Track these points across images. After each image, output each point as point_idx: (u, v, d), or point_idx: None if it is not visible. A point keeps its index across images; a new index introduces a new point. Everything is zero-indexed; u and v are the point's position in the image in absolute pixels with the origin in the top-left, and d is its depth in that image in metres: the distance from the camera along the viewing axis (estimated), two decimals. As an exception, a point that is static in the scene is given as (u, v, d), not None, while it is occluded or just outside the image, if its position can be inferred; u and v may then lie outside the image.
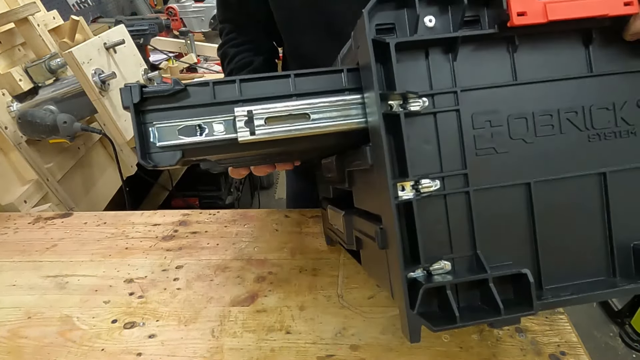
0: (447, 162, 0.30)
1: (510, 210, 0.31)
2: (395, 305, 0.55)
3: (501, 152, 0.31)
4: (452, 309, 0.28)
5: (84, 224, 0.75)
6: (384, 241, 0.31)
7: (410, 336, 0.28)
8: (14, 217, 0.79)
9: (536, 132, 0.31)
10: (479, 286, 0.30)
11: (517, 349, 0.48)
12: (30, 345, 0.52)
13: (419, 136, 0.30)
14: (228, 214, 0.76)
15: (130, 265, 0.64)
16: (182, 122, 0.32)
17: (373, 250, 0.37)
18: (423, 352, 0.48)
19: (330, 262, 0.63)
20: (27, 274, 0.64)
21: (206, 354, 0.50)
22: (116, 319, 0.55)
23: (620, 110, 0.32)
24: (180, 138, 0.32)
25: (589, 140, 0.31)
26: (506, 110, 0.31)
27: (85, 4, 2.11)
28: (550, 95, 0.31)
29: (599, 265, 0.32)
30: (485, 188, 0.31)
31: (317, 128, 0.33)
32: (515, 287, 0.30)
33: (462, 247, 0.31)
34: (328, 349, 0.49)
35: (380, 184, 0.30)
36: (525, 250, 0.31)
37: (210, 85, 0.33)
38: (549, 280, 0.32)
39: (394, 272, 0.30)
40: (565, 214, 0.32)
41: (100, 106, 1.01)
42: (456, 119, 0.30)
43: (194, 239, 0.70)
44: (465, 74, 0.31)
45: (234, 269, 0.63)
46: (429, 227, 0.30)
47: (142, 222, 0.75)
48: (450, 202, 0.30)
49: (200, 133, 0.33)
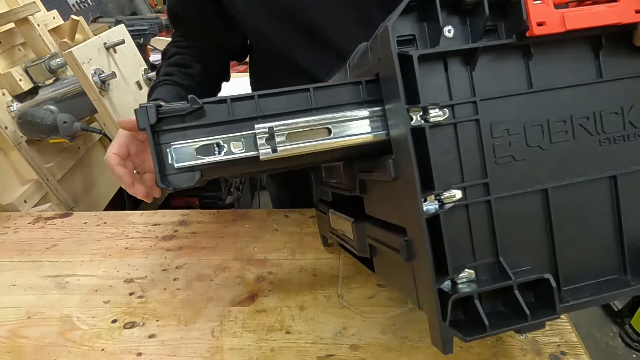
0: (468, 172, 0.31)
1: (529, 216, 0.32)
2: (395, 305, 0.55)
3: (519, 160, 0.31)
4: (480, 318, 0.28)
5: (84, 224, 0.75)
6: (410, 254, 0.31)
7: (444, 348, 0.28)
8: (14, 217, 0.79)
9: (551, 139, 0.31)
10: (503, 292, 0.30)
11: (517, 349, 0.48)
12: (30, 345, 0.52)
13: (440, 147, 0.30)
14: (228, 214, 0.76)
15: (130, 265, 0.64)
16: (200, 141, 0.32)
17: (392, 259, 0.37)
18: (423, 352, 0.48)
19: (330, 262, 0.63)
20: (27, 274, 0.64)
21: (206, 354, 0.50)
22: (116, 319, 0.55)
23: (628, 114, 0.32)
24: (199, 158, 0.32)
25: (600, 145, 0.32)
26: (523, 118, 0.31)
27: (85, 3, 2.11)
28: (564, 102, 0.32)
29: (612, 264, 0.33)
30: (505, 196, 0.31)
31: (338, 142, 0.33)
32: (536, 291, 0.31)
33: (484, 254, 0.31)
34: (328, 349, 0.49)
35: (407, 197, 0.30)
36: (544, 254, 0.32)
37: (227, 102, 0.33)
38: (566, 282, 0.32)
39: (422, 284, 0.30)
40: (580, 217, 0.32)
41: (100, 106, 1.01)
42: (476, 129, 0.31)
43: (194, 239, 0.70)
44: (483, 84, 0.31)
45: (234, 269, 0.63)
46: (454, 238, 0.30)
47: (142, 222, 0.75)
48: (472, 212, 0.31)
49: (219, 152, 0.32)
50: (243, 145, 0.33)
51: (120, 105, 1.06)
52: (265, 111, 0.33)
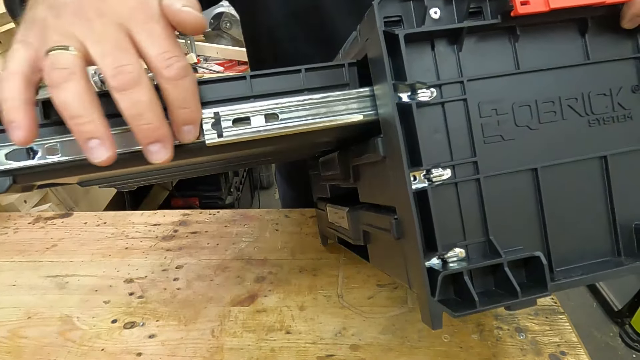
0: (457, 151, 0.31)
1: (519, 196, 0.32)
2: (395, 305, 0.55)
3: (508, 140, 0.32)
4: (470, 294, 0.29)
5: (84, 224, 0.75)
6: (399, 231, 0.31)
7: (432, 323, 0.28)
8: (14, 217, 0.79)
9: (540, 119, 0.32)
10: (494, 271, 0.31)
11: (517, 349, 0.48)
12: (30, 345, 0.52)
13: (429, 126, 0.31)
14: (228, 214, 0.76)
15: (130, 265, 0.64)
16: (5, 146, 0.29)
17: (384, 243, 0.37)
18: (423, 352, 0.49)
19: (330, 262, 0.63)
20: (27, 274, 0.64)
21: (206, 354, 0.50)
22: (116, 319, 0.55)
23: (616, 95, 0.33)
24: (8, 163, 0.29)
25: (590, 126, 0.33)
26: (510, 99, 0.32)
27: (85, 4, 2.10)
28: (551, 83, 0.32)
29: (605, 246, 0.33)
30: (494, 175, 0.31)
31: (285, 128, 0.32)
32: (527, 270, 0.31)
33: (475, 233, 0.31)
34: (328, 349, 0.49)
35: (394, 174, 0.30)
36: (535, 234, 0.32)
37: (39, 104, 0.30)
38: (559, 263, 0.32)
39: (411, 261, 0.31)
40: (571, 198, 0.33)
41: (100, 106, 1.01)
42: (464, 108, 0.31)
43: (194, 239, 0.70)
44: (470, 65, 0.32)
45: (234, 269, 0.63)
46: (442, 215, 0.30)
47: (142, 222, 0.75)
48: (461, 190, 0.31)
49: (32, 157, 0.29)
50: None
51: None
52: None
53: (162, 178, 0.56)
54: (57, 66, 0.25)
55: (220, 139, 0.30)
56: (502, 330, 0.51)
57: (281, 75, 0.33)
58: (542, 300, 0.54)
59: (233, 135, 0.31)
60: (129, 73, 0.26)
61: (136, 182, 0.53)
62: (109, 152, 0.26)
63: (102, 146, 0.26)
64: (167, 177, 0.58)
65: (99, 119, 0.26)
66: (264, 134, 0.31)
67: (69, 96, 0.25)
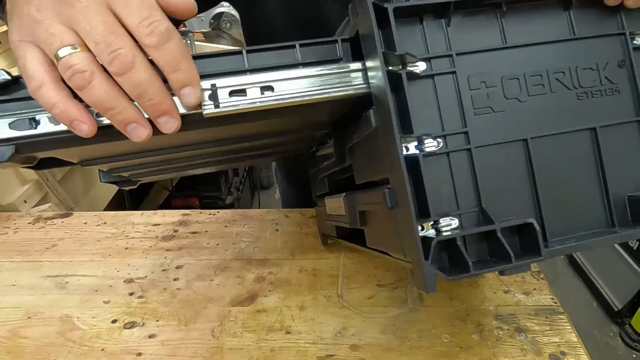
0: (448, 122, 0.32)
1: (511, 167, 0.33)
2: (395, 305, 0.55)
3: (498, 111, 0.33)
4: (464, 259, 0.29)
5: (84, 224, 0.75)
6: (393, 200, 0.32)
7: (426, 286, 0.28)
8: (14, 217, 0.79)
9: (529, 92, 0.33)
10: (487, 239, 0.31)
11: (517, 349, 0.48)
12: (30, 345, 0.52)
13: (420, 98, 0.32)
14: (228, 214, 0.76)
15: (130, 265, 0.64)
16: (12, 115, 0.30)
17: (379, 220, 0.38)
18: (423, 352, 0.49)
19: (330, 262, 0.63)
20: (27, 274, 0.64)
21: (206, 354, 0.50)
22: (116, 319, 0.55)
23: (603, 70, 0.34)
24: (12, 131, 0.30)
25: (578, 98, 0.33)
26: (499, 72, 0.33)
27: (85, 4, 2.10)
28: (538, 58, 0.33)
29: (599, 217, 0.34)
30: (485, 145, 0.32)
31: (281, 100, 0.32)
32: (521, 238, 0.32)
33: (468, 203, 0.32)
34: (328, 349, 0.49)
35: (386, 143, 0.31)
36: (528, 205, 0.33)
37: None
38: (553, 234, 0.33)
39: (405, 228, 0.31)
40: (564, 170, 0.33)
41: (100, 106, 1.01)
42: (453, 81, 0.32)
43: (194, 239, 0.70)
44: (458, 40, 0.33)
45: (234, 269, 0.63)
46: (435, 185, 0.31)
47: (142, 222, 0.75)
48: (453, 161, 0.32)
49: (35, 126, 0.30)
50: None
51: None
52: None
53: (163, 171, 0.55)
54: (76, 71, 0.26)
55: (217, 110, 0.31)
56: (502, 330, 0.51)
57: (276, 51, 0.34)
58: (542, 300, 0.55)
59: (230, 106, 0.31)
60: (124, 57, 0.26)
61: (137, 174, 0.53)
62: (147, 130, 0.29)
63: (140, 127, 0.29)
64: (170, 171, 0.57)
65: (129, 105, 0.28)
66: (259, 105, 0.32)
67: (98, 94, 0.27)
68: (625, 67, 0.34)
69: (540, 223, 0.32)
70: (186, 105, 0.30)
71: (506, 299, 0.55)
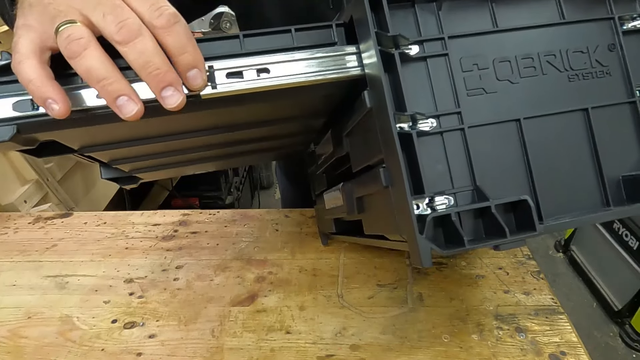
0: (441, 103, 0.33)
1: (505, 147, 0.33)
2: (395, 305, 0.55)
3: (490, 93, 0.33)
4: (459, 234, 0.29)
5: (84, 224, 0.75)
6: (387, 178, 0.32)
7: (422, 259, 0.29)
8: (14, 217, 0.79)
9: (520, 74, 0.33)
10: (482, 216, 0.32)
11: (517, 349, 0.48)
12: (30, 345, 0.52)
13: (413, 80, 0.32)
14: (228, 214, 0.76)
15: (130, 265, 0.64)
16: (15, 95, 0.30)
17: (377, 204, 0.38)
18: (423, 352, 0.49)
19: (330, 262, 0.63)
20: (27, 274, 0.64)
21: (206, 354, 0.50)
22: (116, 319, 0.55)
23: (594, 53, 0.34)
24: (15, 112, 0.30)
25: (570, 80, 0.34)
26: (491, 55, 0.33)
27: (85, 4, 2.10)
28: (529, 41, 0.34)
29: (593, 197, 0.34)
30: (478, 125, 0.33)
31: (277, 82, 0.33)
32: (516, 215, 0.32)
33: (462, 183, 0.32)
34: (328, 349, 0.49)
35: (380, 121, 0.31)
36: (523, 185, 0.33)
37: None
38: (548, 214, 0.33)
39: (400, 205, 0.31)
40: (558, 150, 0.34)
41: (100, 106, 1.01)
42: (445, 63, 0.33)
43: (194, 239, 0.70)
44: (450, 24, 0.33)
45: (234, 269, 0.63)
46: (430, 165, 0.32)
47: (142, 222, 0.75)
48: (447, 140, 0.32)
49: (37, 107, 0.30)
50: None
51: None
52: None
53: (162, 166, 0.55)
54: (73, 38, 0.27)
55: (214, 91, 0.31)
56: (502, 330, 0.51)
57: (272, 35, 0.34)
58: (542, 300, 0.55)
59: (227, 88, 0.31)
60: (132, 24, 0.27)
61: (137, 168, 0.53)
62: (138, 105, 0.28)
63: (131, 101, 0.28)
64: (170, 166, 0.57)
65: (122, 78, 0.28)
66: (255, 87, 0.32)
67: (92, 62, 0.27)
68: (615, 50, 0.35)
69: (535, 202, 0.33)
70: (192, 86, 0.30)
71: (506, 299, 0.55)
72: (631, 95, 0.34)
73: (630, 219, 1.58)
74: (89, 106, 0.30)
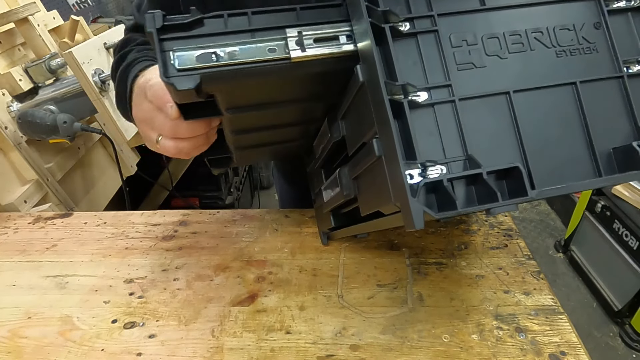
0: (432, 76, 0.34)
1: (496, 120, 0.34)
2: (395, 305, 0.55)
3: (480, 67, 0.34)
4: (451, 199, 0.30)
5: (84, 224, 0.75)
6: (380, 148, 0.33)
7: (414, 221, 0.29)
8: (14, 217, 0.79)
9: (509, 50, 0.34)
10: (475, 183, 0.32)
11: (517, 349, 0.48)
12: (30, 345, 0.52)
13: (404, 55, 0.33)
14: (228, 214, 0.76)
15: (130, 265, 0.64)
16: (199, 48, 0.34)
17: (372, 178, 0.39)
18: (423, 352, 0.49)
19: (330, 262, 0.63)
20: (27, 274, 0.64)
21: (206, 354, 0.50)
22: (116, 319, 0.55)
23: (580, 30, 0.35)
24: (198, 64, 0.34)
25: (557, 56, 0.35)
26: (479, 32, 0.34)
27: (85, 4, 2.11)
28: (516, 19, 0.35)
29: (585, 168, 0.35)
30: (469, 97, 0.33)
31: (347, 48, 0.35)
32: (508, 183, 0.33)
33: (454, 153, 0.33)
34: (328, 349, 0.49)
35: (372, 93, 0.32)
36: (515, 157, 0.34)
37: (224, 16, 0.35)
38: (540, 183, 0.34)
39: (393, 172, 0.32)
40: (548, 123, 0.35)
41: (100, 106, 1.01)
42: (435, 39, 0.34)
43: (194, 239, 0.70)
44: (439, 3, 0.34)
45: (234, 269, 0.63)
46: (422, 136, 0.33)
47: (142, 222, 0.75)
48: (439, 112, 0.33)
49: (217, 59, 0.35)
50: (255, 53, 0.35)
51: (120, 105, 1.06)
52: (256, 25, 0.36)
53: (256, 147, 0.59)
54: (167, 153, 0.46)
55: (304, 54, 0.35)
56: (502, 330, 0.51)
57: (280, 13, 0.36)
58: (542, 300, 0.55)
59: (314, 52, 0.35)
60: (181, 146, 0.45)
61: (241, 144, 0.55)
62: None
63: None
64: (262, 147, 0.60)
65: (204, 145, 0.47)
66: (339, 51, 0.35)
67: (181, 155, 0.46)
68: (601, 28, 0.35)
69: (527, 170, 0.33)
70: None
71: (506, 299, 0.55)
72: (619, 70, 0.35)
73: (630, 219, 1.58)
74: None
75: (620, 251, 1.63)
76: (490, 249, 0.64)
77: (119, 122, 1.05)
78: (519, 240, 0.65)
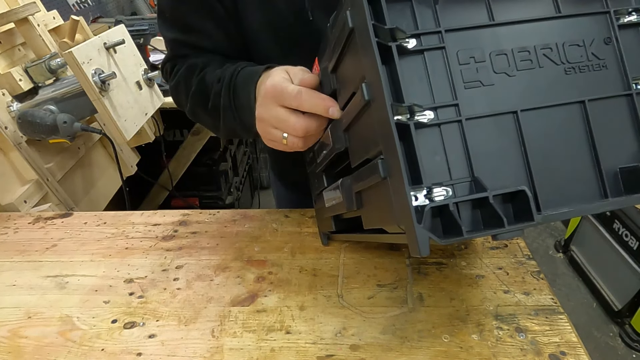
0: (439, 95, 0.33)
1: (503, 139, 0.33)
2: (395, 305, 0.55)
3: (487, 85, 0.33)
4: (457, 224, 0.29)
5: (84, 224, 0.75)
6: (385, 168, 0.32)
7: (420, 248, 0.29)
8: (14, 217, 0.79)
9: (517, 67, 0.34)
10: (480, 207, 0.32)
11: (517, 349, 0.48)
12: (30, 345, 0.52)
13: (411, 72, 0.33)
14: (228, 214, 0.76)
15: (130, 265, 0.64)
16: None
17: (375, 197, 0.39)
18: (423, 352, 0.49)
19: (330, 262, 0.63)
20: (27, 274, 0.64)
21: (206, 354, 0.50)
22: (116, 319, 0.55)
23: (590, 46, 0.34)
24: None
25: (566, 73, 0.34)
26: (487, 48, 0.33)
27: (85, 4, 2.11)
28: (525, 34, 0.34)
29: (591, 189, 0.34)
30: (476, 117, 0.33)
31: None
32: (514, 205, 0.32)
33: (460, 174, 0.32)
34: (328, 349, 0.49)
35: (378, 111, 0.32)
36: (521, 177, 0.33)
37: None
38: (546, 205, 0.33)
39: (398, 195, 0.31)
40: (555, 143, 0.34)
41: (100, 106, 1.01)
42: (443, 56, 0.33)
43: (194, 239, 0.70)
44: (447, 17, 0.33)
45: (234, 269, 0.63)
46: (428, 156, 0.32)
47: (142, 222, 0.75)
48: (445, 132, 0.32)
49: None
50: None
51: (120, 105, 1.06)
52: None
53: None
54: (295, 148, 0.50)
55: None
56: (502, 330, 0.51)
57: None
58: (542, 300, 0.55)
59: None
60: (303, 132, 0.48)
61: None
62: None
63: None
64: None
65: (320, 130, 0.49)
66: None
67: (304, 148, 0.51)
68: (611, 44, 0.35)
69: (533, 192, 0.33)
70: None
71: (506, 299, 0.55)
72: (628, 88, 0.34)
73: (630, 219, 1.58)
74: None
75: (620, 251, 1.63)
76: (490, 249, 0.64)
77: (118, 122, 1.05)
78: (519, 240, 0.65)
